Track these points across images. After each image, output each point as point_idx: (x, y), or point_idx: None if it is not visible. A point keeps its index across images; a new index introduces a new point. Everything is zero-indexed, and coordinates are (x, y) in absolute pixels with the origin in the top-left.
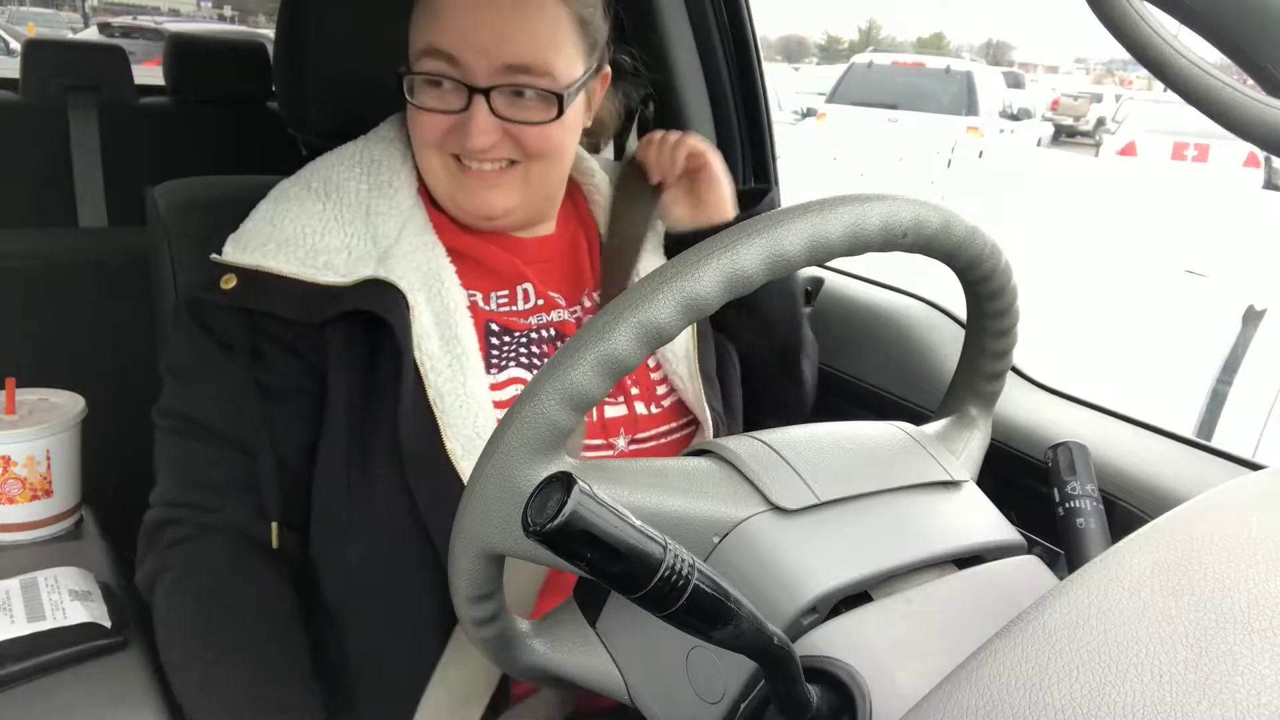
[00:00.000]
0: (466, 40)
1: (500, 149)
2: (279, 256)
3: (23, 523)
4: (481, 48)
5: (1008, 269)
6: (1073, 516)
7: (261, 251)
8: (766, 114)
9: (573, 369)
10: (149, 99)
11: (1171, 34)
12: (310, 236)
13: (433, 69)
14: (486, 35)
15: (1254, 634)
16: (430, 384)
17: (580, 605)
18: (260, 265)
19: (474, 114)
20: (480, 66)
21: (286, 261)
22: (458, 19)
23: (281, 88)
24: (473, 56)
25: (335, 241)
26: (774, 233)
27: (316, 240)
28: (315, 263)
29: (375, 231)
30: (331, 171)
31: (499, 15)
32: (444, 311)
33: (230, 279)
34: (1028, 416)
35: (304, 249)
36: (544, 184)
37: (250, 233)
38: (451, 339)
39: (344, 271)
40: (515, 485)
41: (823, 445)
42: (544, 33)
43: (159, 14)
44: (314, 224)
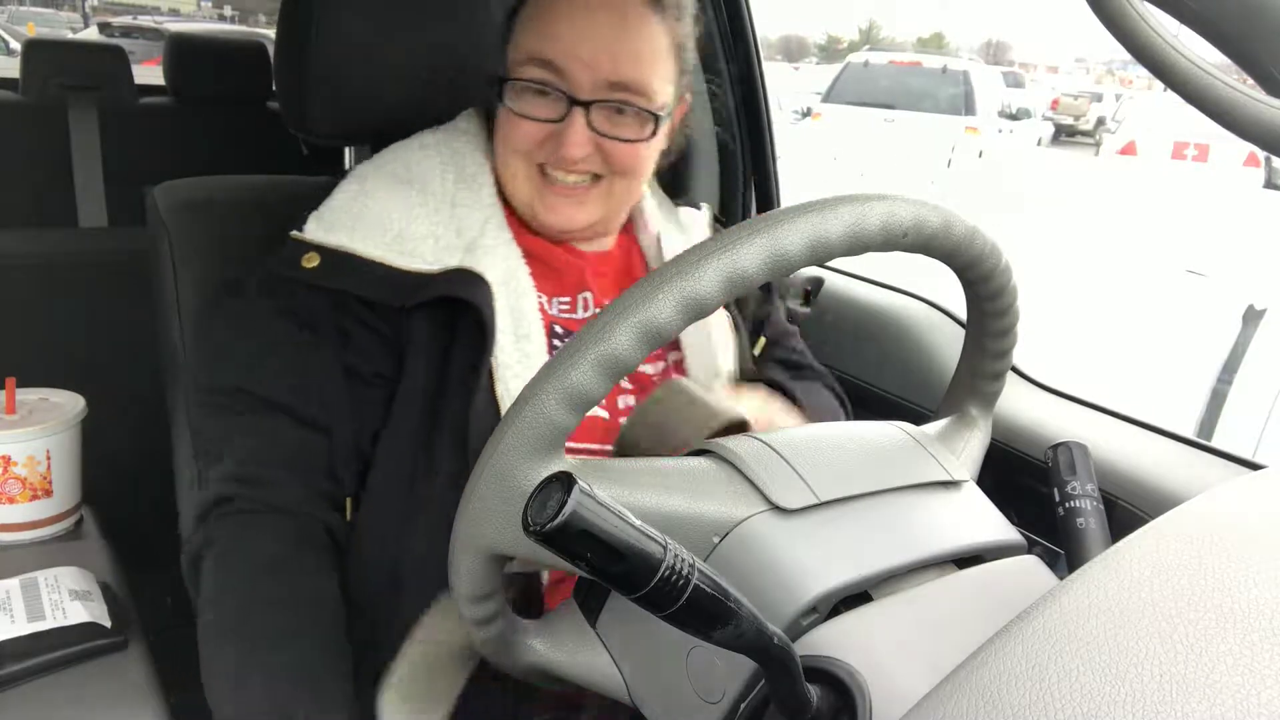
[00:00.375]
0: (574, 53)
1: (589, 163)
2: (366, 239)
3: (23, 522)
4: (588, 62)
5: (1008, 269)
6: (1073, 516)
7: (348, 233)
8: (766, 114)
9: (573, 369)
10: (149, 99)
11: (1172, 34)
12: (397, 222)
13: (537, 77)
14: (594, 50)
15: (1254, 634)
16: (499, 379)
17: (580, 605)
18: (346, 246)
19: (571, 125)
20: (584, 80)
21: (374, 245)
22: (567, 31)
23: (282, 88)
24: (579, 69)
25: (422, 229)
26: (774, 232)
27: (404, 226)
28: (402, 248)
29: (460, 224)
30: (412, 159)
31: (607, 32)
32: (518, 311)
33: (313, 258)
34: (1028, 416)
35: (391, 233)
36: (624, 200)
37: (336, 212)
38: (523, 338)
39: (430, 259)
40: (515, 485)
41: (823, 445)
42: (647, 53)
43: (159, 14)
44: (400, 209)
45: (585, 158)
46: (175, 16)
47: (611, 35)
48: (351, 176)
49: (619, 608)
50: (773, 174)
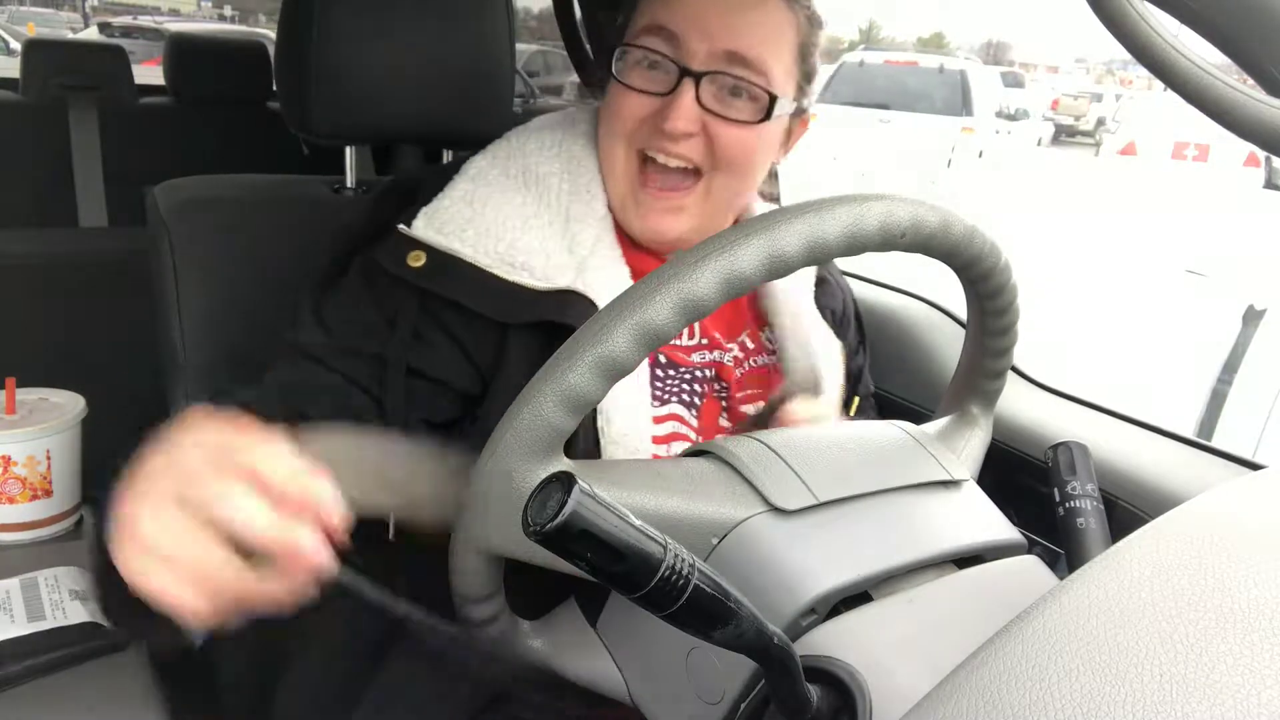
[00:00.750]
0: (693, 20)
1: (692, 146)
2: (477, 245)
3: (23, 522)
4: (706, 30)
5: (1007, 268)
6: (1073, 516)
7: (460, 237)
8: None
9: (571, 371)
10: (149, 99)
11: (1172, 34)
12: (510, 230)
13: (652, 45)
14: (714, 19)
15: (1254, 634)
16: (600, 409)
17: (580, 605)
18: (457, 250)
19: (680, 96)
20: (700, 49)
21: (484, 253)
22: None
23: (282, 88)
24: (696, 38)
25: (534, 241)
26: (771, 233)
27: (516, 236)
28: (513, 260)
29: (574, 239)
30: (531, 160)
31: (732, 3)
32: None
33: (419, 256)
34: (1028, 416)
35: (504, 242)
36: (723, 202)
37: (448, 212)
38: None
39: (540, 275)
40: (515, 485)
41: (822, 445)
42: (770, 32)
43: (159, 14)
44: (515, 217)
45: (689, 135)
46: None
47: (735, 6)
48: (465, 171)
49: (619, 608)
50: (773, 174)
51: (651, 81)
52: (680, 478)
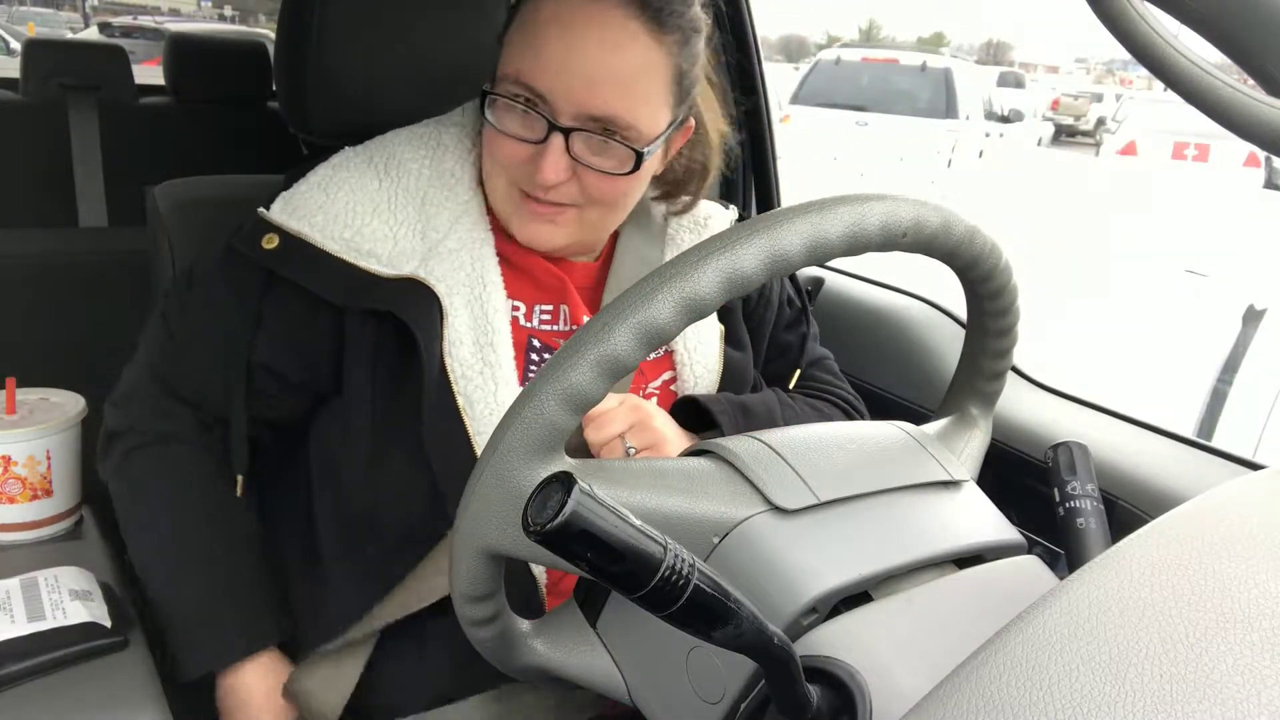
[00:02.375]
0: (558, 80)
1: (565, 190)
2: (326, 230)
3: (23, 522)
4: (570, 91)
5: (1008, 268)
6: (1073, 516)
7: (310, 221)
8: (767, 113)
9: (572, 370)
10: (149, 99)
11: (1172, 34)
12: (360, 216)
13: (520, 96)
14: (578, 81)
15: (1254, 634)
16: (460, 390)
17: (580, 605)
18: (306, 235)
19: (549, 150)
20: (566, 108)
21: (332, 238)
22: (551, 56)
23: (282, 87)
24: (561, 97)
25: (383, 228)
26: (773, 233)
27: (364, 222)
28: (359, 246)
29: (427, 224)
30: (398, 149)
31: (594, 61)
32: (483, 317)
33: (273, 239)
34: (1028, 416)
35: (351, 228)
36: (598, 228)
37: (302, 196)
38: (486, 346)
39: (386, 261)
40: (515, 485)
41: (823, 445)
42: (636, 85)
43: (159, 14)
44: (366, 203)
45: (561, 185)
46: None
47: (597, 64)
48: (332, 159)
49: (619, 608)
50: (773, 174)
51: (523, 128)
52: (681, 477)
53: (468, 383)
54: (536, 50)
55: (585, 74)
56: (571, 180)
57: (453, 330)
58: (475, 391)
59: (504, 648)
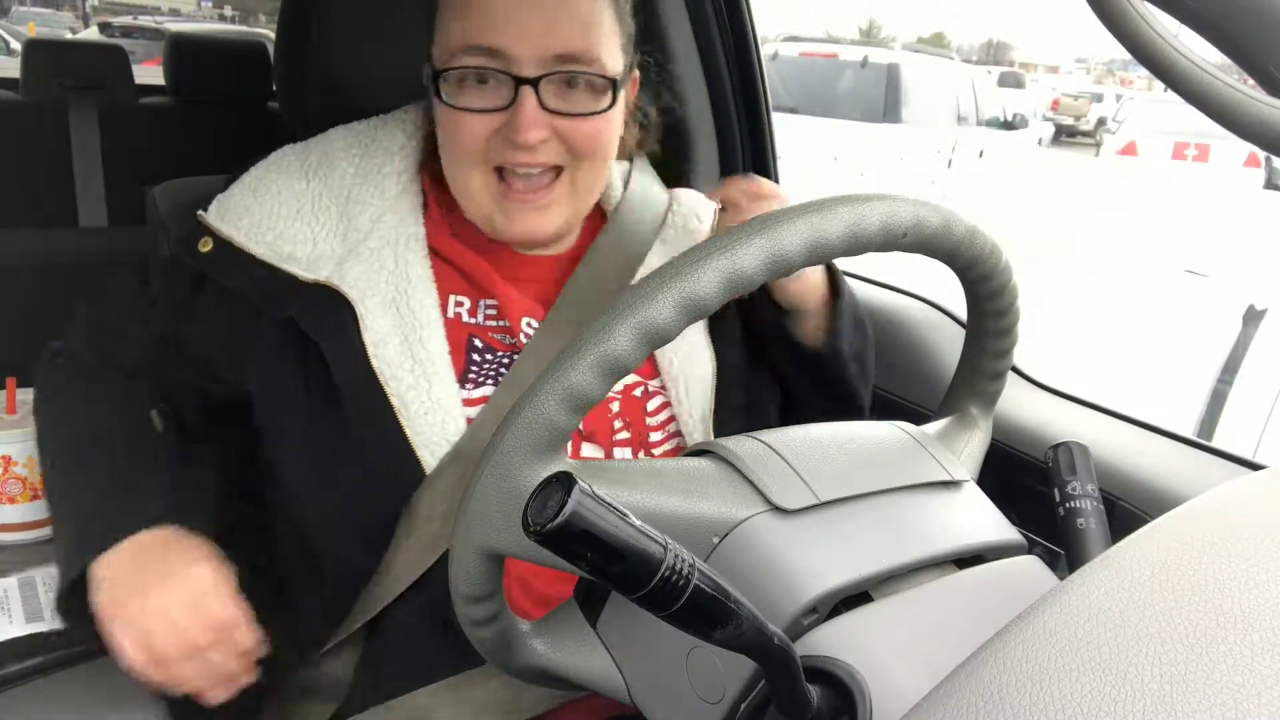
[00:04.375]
0: (510, 30)
1: (548, 149)
2: (252, 234)
3: (23, 522)
4: (528, 36)
5: (1008, 268)
6: (1073, 516)
7: (236, 224)
8: (767, 114)
9: (572, 369)
10: (149, 99)
11: (1172, 34)
12: (283, 219)
13: (476, 64)
14: (533, 23)
15: (1254, 634)
16: (392, 391)
17: (580, 605)
18: (233, 238)
19: (522, 106)
20: (528, 57)
21: (256, 241)
22: (499, 9)
23: (282, 87)
24: (520, 47)
25: (304, 230)
26: (773, 233)
27: (286, 225)
28: (280, 249)
29: (349, 224)
30: (331, 146)
31: (543, 3)
32: (409, 314)
33: (207, 242)
34: (1028, 416)
35: (274, 231)
36: (590, 191)
37: (233, 199)
38: (415, 343)
39: (304, 265)
40: (515, 485)
41: (823, 445)
42: (590, 20)
43: (159, 14)
44: (289, 205)
45: (543, 142)
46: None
47: (549, 5)
48: (266, 159)
49: (619, 608)
50: (773, 174)
51: (486, 97)
52: (681, 477)
53: (399, 383)
54: (481, 10)
55: (540, 16)
56: (551, 137)
57: (372, 332)
58: (408, 391)
59: (504, 648)
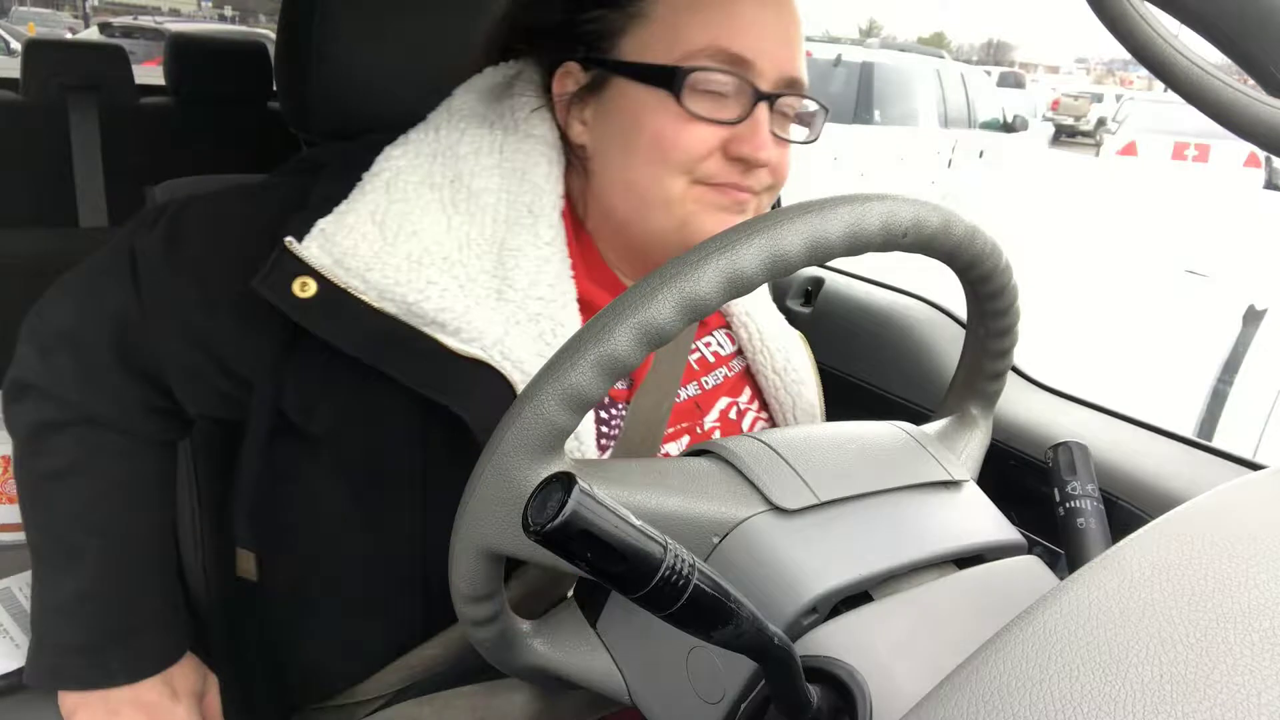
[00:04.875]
0: (762, 42)
1: (760, 175)
2: (385, 289)
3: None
4: (774, 53)
5: (1008, 268)
6: (1073, 516)
7: (363, 276)
8: None
9: (572, 369)
10: (149, 99)
11: (1172, 34)
12: (425, 269)
13: (723, 68)
14: (779, 40)
15: (1254, 634)
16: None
17: (580, 605)
18: (358, 292)
19: (759, 123)
20: (770, 71)
21: (391, 300)
22: (753, 18)
23: (282, 87)
24: (765, 60)
25: (452, 285)
26: (773, 232)
27: (428, 279)
28: (424, 313)
29: (504, 280)
30: (465, 166)
31: (786, 20)
32: None
33: (308, 285)
34: (1028, 416)
35: (415, 288)
36: None
37: (352, 232)
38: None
39: (453, 331)
40: (515, 485)
41: (823, 445)
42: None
43: (159, 14)
44: (432, 253)
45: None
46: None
47: (789, 24)
48: (379, 175)
49: (619, 608)
50: None
51: (720, 109)
52: (681, 477)
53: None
54: (733, 14)
55: (783, 33)
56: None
57: None
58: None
59: (504, 648)
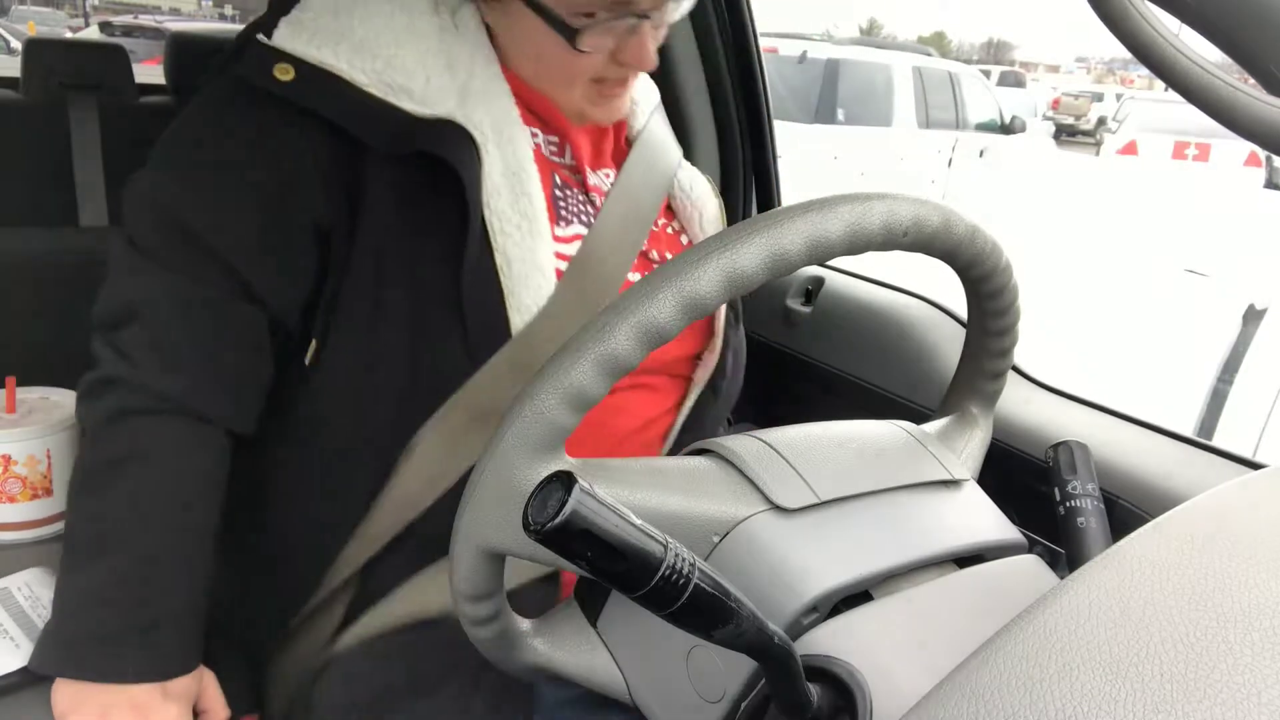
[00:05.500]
0: None
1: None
2: (353, 61)
3: (23, 521)
4: None
5: (1008, 268)
6: (1073, 515)
7: (333, 50)
8: (768, 114)
9: (573, 369)
10: (150, 98)
11: (1173, 33)
12: (386, 45)
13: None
14: None
15: (1254, 633)
16: (499, 247)
17: (581, 604)
18: (331, 66)
19: (645, 38)
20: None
21: (361, 70)
22: None
23: None
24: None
25: (411, 59)
26: (774, 232)
27: (392, 52)
28: (391, 80)
29: (450, 57)
30: None
31: None
32: (515, 163)
33: (287, 70)
34: (1028, 416)
35: (380, 59)
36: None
37: (312, 23)
38: (522, 195)
39: (419, 99)
40: (515, 484)
41: (823, 444)
42: None
43: (160, 13)
44: (388, 30)
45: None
46: (176, 16)
47: None
48: None
49: (620, 607)
50: (773, 174)
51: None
52: (681, 476)
53: (507, 238)
54: None
55: None
56: None
57: (490, 180)
58: (514, 249)
59: (504, 647)
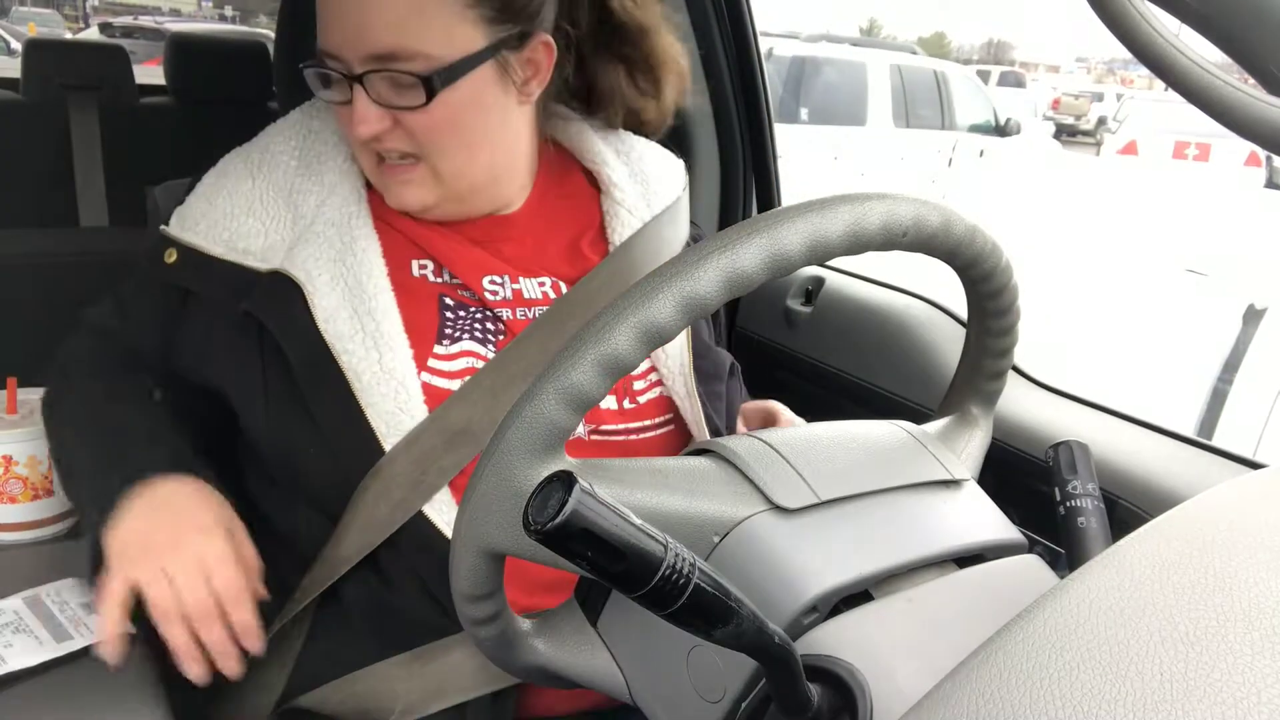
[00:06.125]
0: (332, 35)
1: (392, 139)
2: (210, 236)
3: (24, 522)
4: (344, 41)
5: (1008, 267)
6: (1074, 515)
7: (195, 230)
8: (768, 114)
9: (573, 369)
10: (150, 99)
11: (1173, 33)
12: (236, 218)
13: (319, 64)
14: (348, 27)
15: (1254, 633)
16: (345, 365)
17: (581, 604)
18: (195, 244)
19: (356, 103)
20: (352, 57)
21: (215, 241)
22: (327, 14)
23: (282, 88)
24: (344, 49)
25: (255, 225)
26: (774, 232)
27: (239, 223)
28: (237, 245)
29: (295, 212)
30: (271, 142)
31: (358, 4)
32: (356, 288)
33: (172, 253)
34: (1029, 415)
35: (229, 230)
36: (461, 177)
37: (190, 208)
38: (364, 314)
39: (260, 256)
40: (515, 485)
41: (823, 444)
42: (408, 15)
43: (160, 14)
44: (241, 205)
45: (383, 134)
46: (176, 16)
47: (364, 5)
48: (218, 165)
49: (620, 607)
50: (773, 174)
51: (336, 94)
52: (681, 476)
53: (350, 355)
54: (320, 13)
55: (354, 18)
56: (395, 129)
57: (322, 310)
58: (359, 363)
59: (505, 647)
